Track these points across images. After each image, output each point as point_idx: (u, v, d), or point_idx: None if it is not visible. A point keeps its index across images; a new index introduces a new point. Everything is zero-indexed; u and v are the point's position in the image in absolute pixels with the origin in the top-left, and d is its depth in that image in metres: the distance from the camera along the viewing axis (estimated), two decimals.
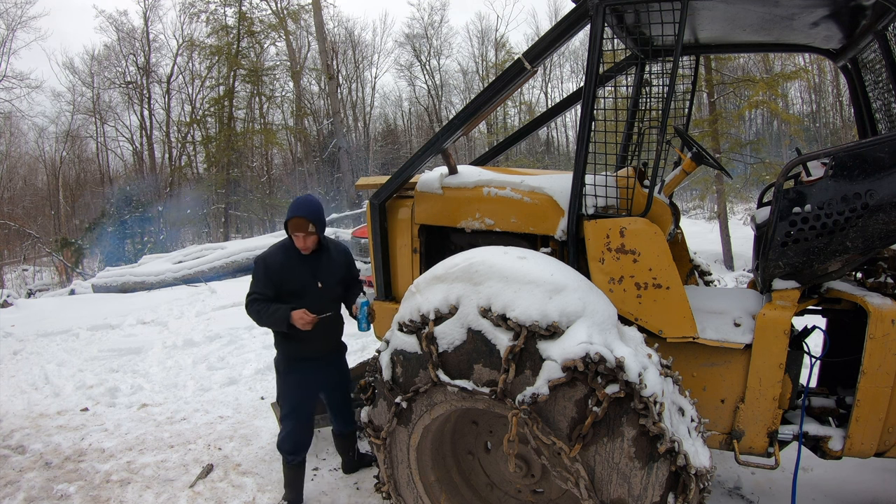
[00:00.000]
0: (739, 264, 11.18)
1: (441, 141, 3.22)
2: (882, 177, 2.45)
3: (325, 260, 3.47)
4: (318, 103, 28.42)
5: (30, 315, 9.59)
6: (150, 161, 27.51)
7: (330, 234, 12.82)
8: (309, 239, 3.31)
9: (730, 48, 3.77)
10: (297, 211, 3.25)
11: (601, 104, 2.84)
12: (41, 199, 29.48)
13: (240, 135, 23.39)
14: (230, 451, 4.31)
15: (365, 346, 6.63)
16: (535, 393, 2.29)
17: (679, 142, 3.62)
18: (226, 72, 23.16)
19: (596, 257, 2.79)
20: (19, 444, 4.66)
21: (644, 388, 2.20)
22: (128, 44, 27.17)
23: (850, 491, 3.43)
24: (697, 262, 4.06)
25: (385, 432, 2.76)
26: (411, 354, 2.60)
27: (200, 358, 6.77)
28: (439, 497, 2.84)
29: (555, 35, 2.84)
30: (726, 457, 3.56)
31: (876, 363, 2.54)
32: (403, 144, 33.57)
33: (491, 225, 3.20)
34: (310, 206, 3.30)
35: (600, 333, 2.33)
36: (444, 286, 2.59)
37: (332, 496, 3.68)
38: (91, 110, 28.44)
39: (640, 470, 2.23)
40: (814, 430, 2.82)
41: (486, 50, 33.20)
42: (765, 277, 2.75)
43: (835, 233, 2.55)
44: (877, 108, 3.21)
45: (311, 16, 20.99)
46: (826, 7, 2.75)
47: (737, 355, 2.76)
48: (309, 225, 3.25)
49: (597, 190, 2.83)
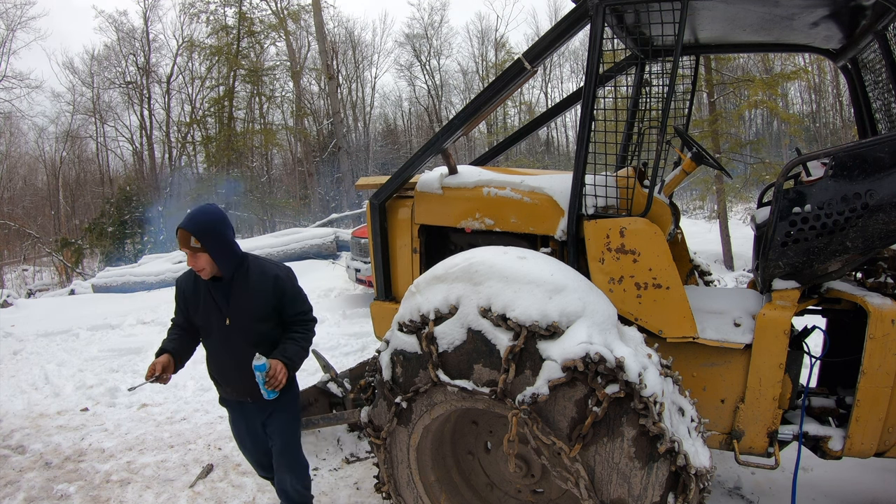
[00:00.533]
0: (739, 264, 11.17)
1: (441, 141, 3.22)
2: (882, 177, 2.45)
3: (239, 289, 2.72)
4: (318, 103, 28.43)
5: (30, 315, 9.59)
6: (150, 161, 27.51)
7: (329, 235, 12.86)
8: (199, 259, 2.62)
9: (730, 48, 3.77)
10: (182, 221, 2.65)
11: (601, 104, 2.84)
12: (41, 199, 29.49)
13: (240, 135, 23.39)
14: (230, 451, 4.31)
15: (365, 346, 6.63)
16: (535, 393, 2.29)
17: (679, 142, 3.62)
18: (226, 72, 23.16)
19: (596, 257, 2.79)
20: (19, 444, 4.66)
21: (644, 388, 2.20)
22: (128, 44, 27.18)
23: (850, 491, 3.43)
24: (697, 262, 4.06)
25: (385, 432, 2.76)
26: (411, 354, 2.60)
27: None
28: (439, 497, 2.84)
29: (555, 35, 2.84)
30: (726, 457, 3.56)
31: (876, 363, 2.54)
32: (403, 144, 33.56)
33: (491, 225, 3.20)
34: (195, 217, 2.63)
35: (600, 333, 2.33)
36: (444, 286, 2.59)
37: (331, 496, 3.68)
38: (91, 110, 28.44)
39: (640, 470, 2.23)
40: (814, 430, 2.81)
41: (486, 50, 33.23)
42: (765, 277, 2.75)
43: (835, 233, 2.55)
44: (877, 108, 3.21)
45: (311, 16, 21.00)
46: (826, 7, 2.75)
47: (737, 355, 2.76)
48: (190, 238, 2.57)
49: (597, 190, 2.83)
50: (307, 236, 12.84)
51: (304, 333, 2.83)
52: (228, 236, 2.67)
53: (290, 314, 2.82)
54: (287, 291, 2.78)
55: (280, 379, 2.63)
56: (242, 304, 2.72)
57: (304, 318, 2.87)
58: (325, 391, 4.49)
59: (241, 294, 2.72)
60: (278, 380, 2.63)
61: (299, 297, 2.85)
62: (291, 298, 2.81)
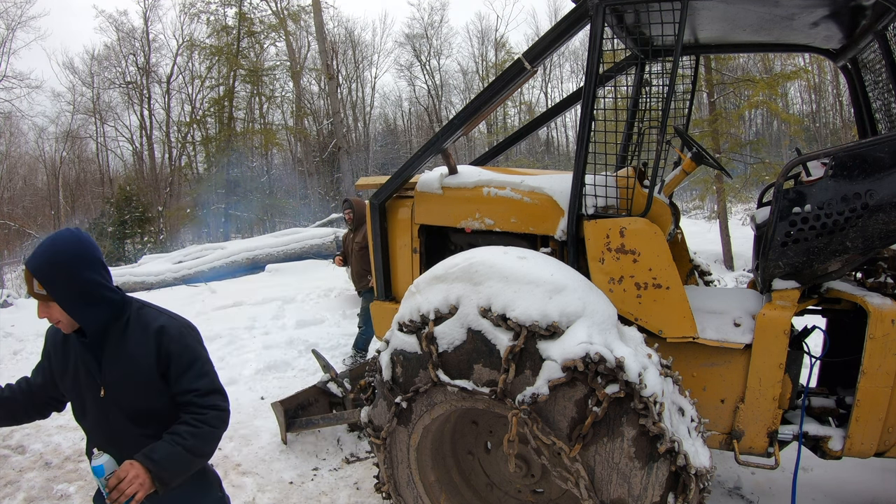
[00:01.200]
0: (739, 264, 11.18)
1: (441, 141, 3.22)
2: (882, 177, 2.45)
3: (113, 349, 1.93)
4: (318, 103, 28.44)
5: (30, 315, 9.58)
6: (150, 161, 27.53)
7: (329, 235, 12.86)
8: (50, 309, 1.86)
9: (730, 48, 3.78)
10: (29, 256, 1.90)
11: (601, 104, 2.84)
12: (41, 199, 29.49)
13: (240, 135, 23.40)
14: (230, 451, 4.31)
15: None
16: (535, 393, 2.29)
17: (679, 142, 3.62)
18: (226, 72, 23.18)
19: (596, 257, 2.79)
20: (19, 444, 4.65)
21: (644, 388, 2.20)
22: (128, 44, 27.19)
23: (850, 491, 3.43)
24: (697, 262, 4.06)
25: (385, 432, 2.76)
26: (411, 354, 2.60)
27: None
28: (439, 497, 2.84)
29: (555, 35, 2.85)
30: (726, 457, 3.56)
31: (876, 363, 2.54)
32: (403, 144, 33.57)
33: (491, 225, 3.20)
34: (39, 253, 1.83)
35: (600, 333, 2.33)
36: (444, 286, 2.59)
37: (331, 496, 3.68)
38: (91, 110, 28.46)
39: (640, 470, 2.23)
40: (814, 430, 2.82)
41: (486, 50, 33.24)
42: (765, 277, 2.75)
43: (835, 233, 2.55)
44: (877, 108, 3.21)
45: (310, 16, 21.00)
46: (826, 7, 2.75)
47: (737, 355, 2.76)
48: (33, 282, 1.82)
49: (597, 190, 2.83)
50: (307, 236, 12.85)
51: (194, 426, 1.88)
52: (87, 278, 1.84)
53: (179, 390, 1.93)
54: (175, 355, 1.92)
55: (129, 493, 1.72)
56: (119, 370, 1.92)
57: (199, 401, 1.92)
58: (325, 391, 4.50)
59: (116, 356, 1.92)
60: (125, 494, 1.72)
61: (195, 365, 1.95)
62: (181, 366, 1.93)
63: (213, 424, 1.93)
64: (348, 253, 6.46)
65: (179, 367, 1.93)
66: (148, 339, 1.93)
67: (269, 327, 7.86)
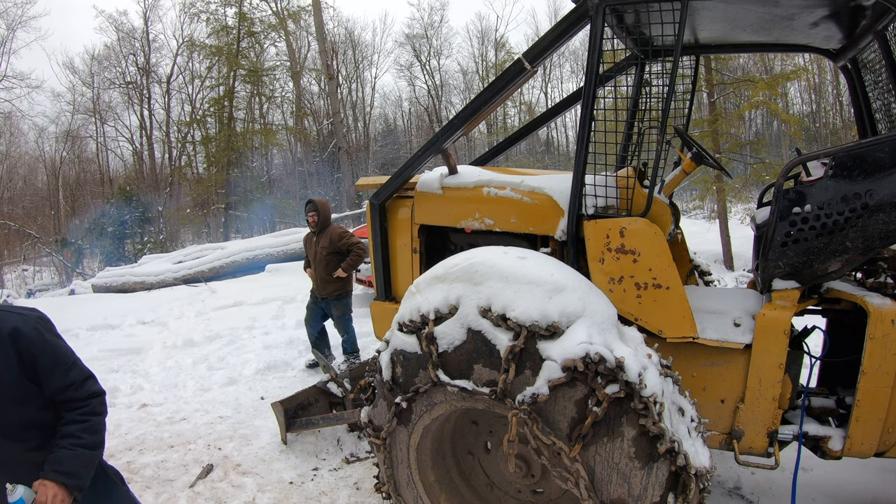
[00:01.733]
0: (739, 264, 11.18)
1: (441, 141, 3.22)
2: (882, 177, 2.45)
3: None
4: (318, 103, 28.46)
5: None
6: (150, 161, 27.52)
7: None
8: None
9: (730, 48, 3.77)
10: None
11: (601, 104, 2.84)
12: (41, 199, 29.49)
13: (240, 135, 23.41)
14: (230, 451, 4.31)
15: (365, 346, 6.63)
16: (535, 393, 2.29)
17: (679, 142, 3.62)
18: (226, 72, 23.19)
19: (596, 257, 2.79)
20: None
21: (644, 388, 2.20)
22: (128, 44, 27.22)
23: (850, 491, 3.43)
24: (697, 262, 4.06)
25: (385, 432, 2.76)
26: (411, 354, 2.60)
27: (200, 358, 6.77)
28: (439, 497, 2.83)
29: (555, 35, 2.84)
30: (726, 457, 3.56)
31: (876, 363, 2.54)
32: (403, 144, 33.57)
33: (491, 225, 3.20)
34: None
35: (600, 333, 2.33)
36: (444, 286, 2.59)
37: (331, 496, 3.68)
38: (91, 110, 28.48)
39: (640, 470, 2.23)
40: (814, 430, 2.81)
41: (486, 50, 33.25)
42: (765, 277, 2.75)
43: (835, 233, 2.55)
44: (877, 108, 3.21)
45: (310, 16, 21.00)
46: (826, 7, 2.75)
47: (737, 355, 2.76)
48: None
49: (597, 190, 2.83)
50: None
51: (83, 422, 1.85)
52: None
53: (53, 390, 1.83)
54: (38, 356, 1.79)
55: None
56: None
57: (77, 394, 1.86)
58: (325, 391, 4.50)
59: None
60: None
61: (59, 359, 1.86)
62: (48, 365, 1.81)
63: (98, 412, 1.94)
64: (311, 258, 6.13)
65: (46, 366, 1.83)
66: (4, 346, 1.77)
67: (269, 327, 7.87)
